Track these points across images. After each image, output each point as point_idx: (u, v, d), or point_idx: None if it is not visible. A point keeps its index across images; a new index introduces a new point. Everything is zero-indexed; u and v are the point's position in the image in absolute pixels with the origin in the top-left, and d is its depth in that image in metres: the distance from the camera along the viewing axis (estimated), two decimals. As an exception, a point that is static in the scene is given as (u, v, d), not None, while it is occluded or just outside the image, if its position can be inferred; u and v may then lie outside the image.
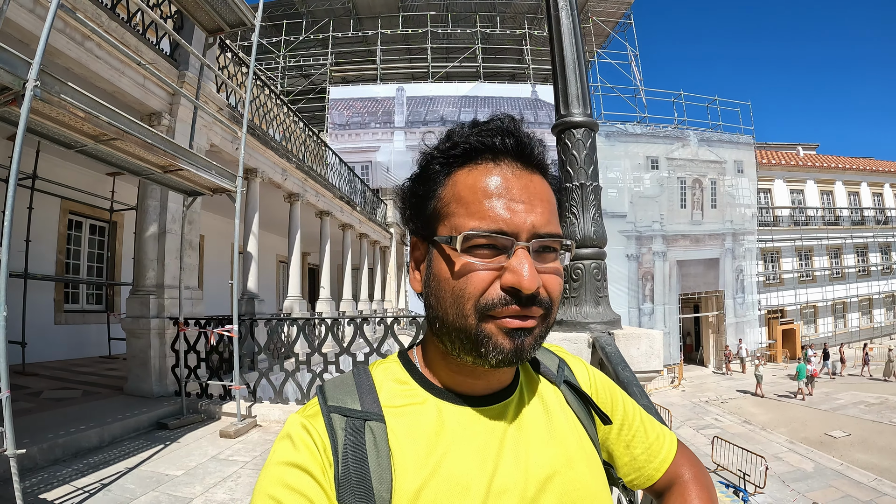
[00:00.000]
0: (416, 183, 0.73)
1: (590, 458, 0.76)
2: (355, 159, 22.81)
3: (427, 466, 0.64)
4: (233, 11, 6.78)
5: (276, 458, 0.64)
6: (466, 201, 0.66)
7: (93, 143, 4.21)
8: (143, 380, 6.96)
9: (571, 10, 3.05)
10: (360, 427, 0.65)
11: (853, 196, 32.52)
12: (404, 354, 0.78)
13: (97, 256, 11.08)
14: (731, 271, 27.37)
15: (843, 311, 31.45)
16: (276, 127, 11.36)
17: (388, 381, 0.72)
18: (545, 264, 0.66)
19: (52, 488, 4.10)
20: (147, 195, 7.26)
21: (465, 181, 0.67)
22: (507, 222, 0.63)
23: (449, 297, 0.65)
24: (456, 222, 0.66)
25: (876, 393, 19.41)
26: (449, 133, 0.72)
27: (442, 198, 0.69)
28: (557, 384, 0.83)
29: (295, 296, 11.72)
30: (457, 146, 0.69)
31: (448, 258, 0.65)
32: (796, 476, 11.35)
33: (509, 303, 0.63)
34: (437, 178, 0.70)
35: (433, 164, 0.71)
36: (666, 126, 27.43)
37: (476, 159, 0.68)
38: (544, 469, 0.69)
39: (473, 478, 0.65)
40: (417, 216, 0.73)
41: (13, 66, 3.12)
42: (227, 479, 4.50)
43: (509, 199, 0.65)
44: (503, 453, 0.68)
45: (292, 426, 0.66)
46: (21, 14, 4.74)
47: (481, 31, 27.62)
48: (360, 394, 0.69)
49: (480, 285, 0.63)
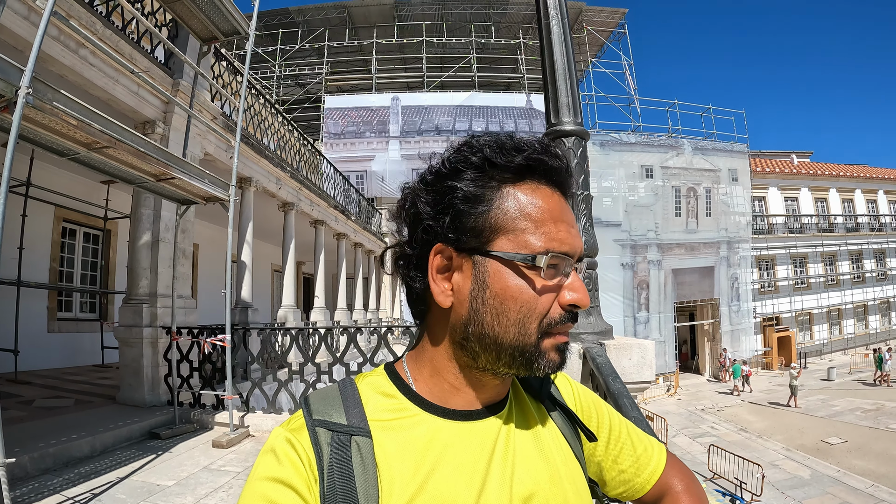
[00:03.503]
0: (463, 185, 0.67)
1: (574, 476, 0.75)
2: (350, 168, 22.79)
3: (415, 483, 0.63)
4: (227, 20, 6.80)
5: (260, 473, 0.62)
6: (536, 220, 0.66)
7: (85, 151, 4.20)
8: (135, 389, 6.92)
9: (562, 18, 3.07)
10: (347, 442, 0.64)
11: (847, 203, 32.62)
12: (391, 367, 0.77)
13: (91, 265, 11.03)
14: (727, 279, 27.32)
15: (839, 317, 31.51)
16: (271, 136, 11.36)
17: (375, 394, 0.71)
18: None
19: (42, 498, 4.07)
20: (141, 203, 7.25)
21: (529, 199, 0.67)
22: (571, 245, 0.66)
23: (515, 315, 0.65)
24: (527, 240, 0.65)
25: (872, 399, 19.43)
26: (500, 142, 0.68)
27: (502, 211, 0.66)
28: (542, 400, 0.82)
29: (289, 305, 11.69)
30: (514, 158, 0.66)
31: (521, 276, 0.65)
32: (793, 483, 11.34)
33: (567, 319, 0.67)
34: (487, 188, 0.67)
35: (476, 170, 0.67)
36: (660, 135, 27.44)
37: (525, 177, 0.68)
38: (528, 487, 0.69)
39: (461, 495, 0.64)
40: (460, 224, 0.67)
41: (6, 73, 3.11)
42: (219, 490, 4.47)
43: (569, 223, 0.68)
44: (491, 470, 0.67)
45: (276, 440, 0.65)
46: (16, 21, 4.74)
47: (476, 41, 27.69)
48: (346, 407, 0.68)
49: (548, 304, 0.66)
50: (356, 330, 7.19)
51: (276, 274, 18.91)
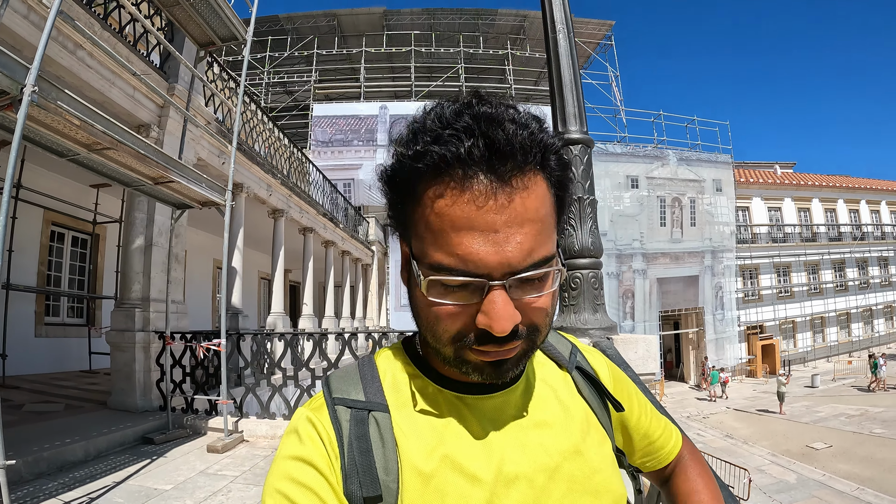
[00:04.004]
0: (389, 186, 0.64)
1: (600, 445, 0.75)
2: (338, 177, 22.70)
3: (434, 456, 0.63)
4: (225, 26, 6.79)
5: (283, 453, 0.63)
6: (433, 229, 0.57)
7: (86, 152, 4.19)
8: (127, 394, 6.86)
9: (568, 33, 3.15)
10: (365, 418, 0.64)
11: (830, 213, 33.23)
12: (409, 342, 0.76)
13: (79, 269, 10.92)
14: (711, 288, 27.59)
15: (822, 325, 31.96)
16: (262, 143, 11.35)
17: (393, 370, 0.71)
18: (528, 295, 0.58)
19: (39, 502, 4.03)
20: (134, 207, 7.21)
21: (433, 204, 0.56)
22: (476, 263, 0.55)
23: (424, 325, 0.63)
24: (423, 250, 0.59)
25: (856, 405, 19.67)
26: (415, 129, 0.60)
27: (411, 213, 0.61)
28: (569, 370, 0.81)
29: (278, 312, 11.66)
30: (420, 158, 0.56)
31: (419, 288, 0.60)
32: (779, 488, 11.42)
33: (484, 342, 0.58)
34: (408, 184, 0.60)
35: (401, 168, 0.60)
36: (646, 145, 27.72)
37: (444, 174, 0.55)
38: (552, 456, 0.68)
39: (481, 467, 0.64)
40: (395, 216, 0.66)
41: (12, 71, 3.11)
42: (218, 494, 4.43)
43: (481, 229, 0.54)
44: (510, 442, 0.67)
45: (298, 420, 0.66)
46: (15, 19, 4.72)
47: (464, 51, 27.85)
48: (364, 384, 0.68)
49: (454, 325, 0.59)
50: (351, 335, 7.18)
51: (263, 281, 18.83)
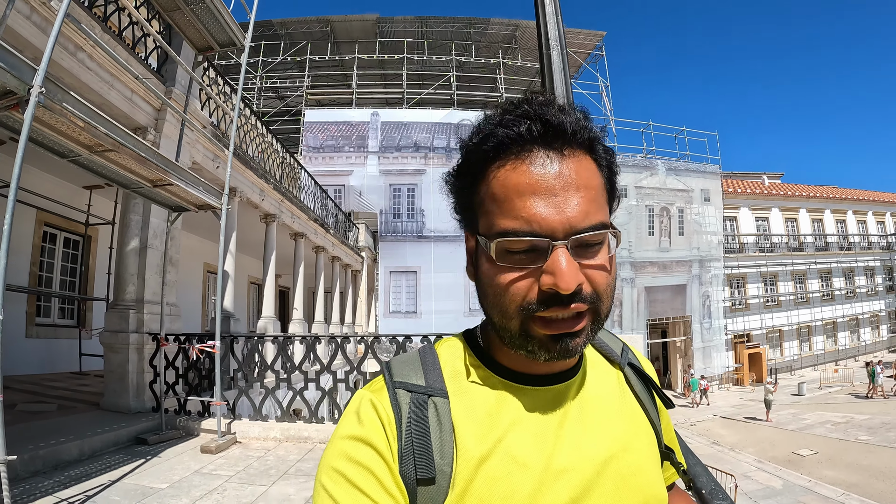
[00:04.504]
0: (457, 177, 0.72)
1: (649, 443, 0.76)
2: (328, 182, 22.60)
3: (487, 443, 0.64)
4: (224, 31, 6.87)
5: (342, 432, 0.65)
6: (499, 200, 0.63)
7: (87, 154, 4.24)
8: (120, 395, 6.87)
9: (562, 50, 3.27)
10: (424, 402, 0.66)
11: (817, 223, 33.75)
12: (469, 333, 0.78)
13: (70, 270, 10.90)
14: (698, 297, 27.84)
15: (808, 334, 32.34)
16: (255, 148, 11.40)
17: (453, 359, 0.73)
18: (589, 259, 0.62)
19: (35, 499, 4.06)
20: (129, 209, 7.24)
21: (497, 177, 0.63)
22: (540, 222, 0.60)
23: (492, 299, 0.65)
24: (491, 222, 0.64)
25: (842, 412, 19.88)
26: (479, 124, 0.69)
27: (479, 194, 0.66)
28: (622, 366, 0.82)
29: (269, 316, 11.68)
30: (486, 140, 0.65)
31: (488, 259, 0.64)
32: (765, 493, 11.51)
33: (551, 304, 0.61)
34: (474, 172, 0.67)
35: (469, 157, 0.68)
36: (635, 155, 27.90)
37: (506, 152, 0.63)
38: (602, 452, 0.68)
39: (532, 456, 0.65)
40: (463, 209, 0.71)
41: (20, 72, 3.17)
42: (213, 492, 4.48)
43: (542, 194, 0.60)
44: (562, 434, 0.68)
45: (359, 401, 0.67)
46: (18, 20, 4.76)
47: (456, 59, 28.01)
48: (425, 370, 0.70)
49: (520, 292, 0.62)
50: (343, 338, 7.24)
51: (253, 286, 18.81)
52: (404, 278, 24.48)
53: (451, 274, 22.42)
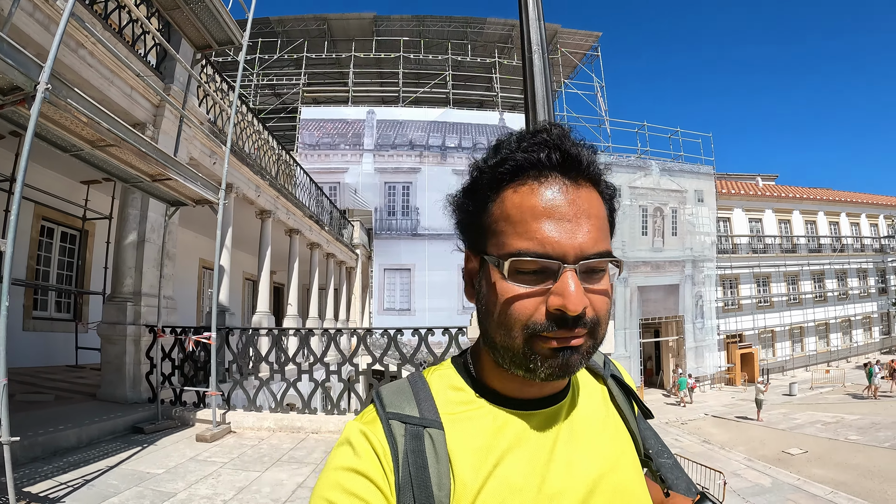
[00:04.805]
0: (466, 197, 0.73)
1: (634, 458, 0.77)
2: (324, 180, 22.59)
3: (483, 472, 0.65)
4: (223, 30, 6.99)
5: (336, 464, 0.65)
6: (514, 221, 0.65)
7: (89, 148, 4.36)
8: (116, 386, 6.99)
9: (543, 53, 3.44)
10: (420, 433, 0.66)
11: (810, 225, 33.97)
12: (458, 360, 0.79)
13: (67, 264, 10.99)
14: (691, 297, 27.97)
15: (801, 335, 32.54)
16: (251, 144, 11.52)
17: (445, 387, 0.73)
18: (593, 284, 0.65)
19: (35, 483, 4.17)
20: (127, 204, 7.36)
21: (513, 199, 0.66)
22: (553, 245, 0.62)
23: (497, 318, 0.65)
24: (504, 242, 0.65)
25: (832, 413, 20.09)
26: (497, 146, 0.71)
27: (491, 214, 0.68)
28: (605, 378, 0.84)
29: (264, 311, 11.81)
30: (504, 163, 0.67)
31: (497, 279, 0.65)
32: (754, 491, 11.64)
33: (556, 326, 0.62)
34: (487, 194, 0.69)
35: (482, 178, 0.70)
36: (629, 156, 28.03)
37: (523, 175, 0.66)
38: (593, 471, 0.70)
39: (527, 481, 0.65)
40: (469, 229, 0.73)
41: (27, 68, 3.29)
42: (208, 478, 4.61)
43: (556, 218, 0.63)
44: (554, 457, 0.69)
45: (351, 433, 0.67)
46: (21, 17, 4.87)
47: (452, 59, 28.13)
48: (418, 400, 0.70)
49: (526, 312, 0.63)
50: (336, 331, 7.37)
51: (248, 282, 18.89)
52: (398, 276, 24.61)
53: (445, 272, 22.57)
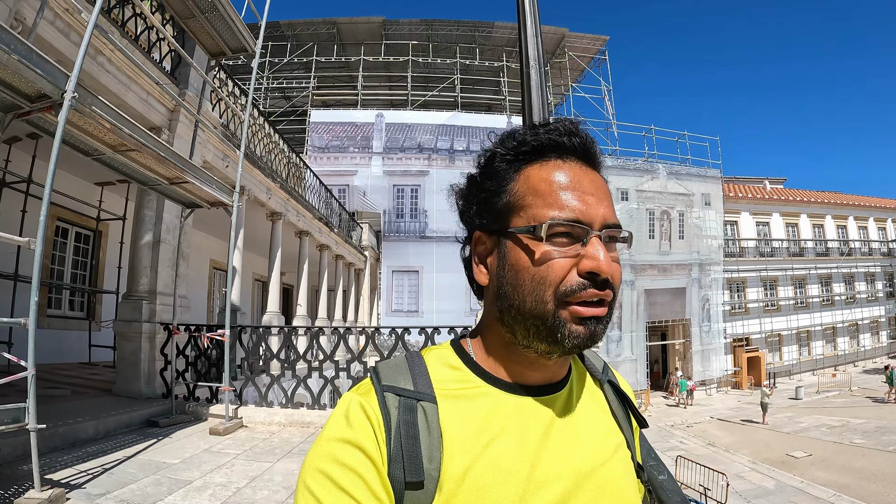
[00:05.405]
0: (484, 179, 0.76)
1: (625, 460, 0.78)
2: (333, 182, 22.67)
3: (474, 450, 0.65)
4: (236, 38, 7.20)
5: (329, 434, 0.65)
6: (543, 193, 0.69)
7: (111, 153, 4.58)
8: (131, 381, 7.21)
9: (540, 68, 3.64)
10: (413, 406, 0.66)
11: (818, 228, 33.90)
12: (457, 343, 0.80)
13: (80, 264, 11.22)
14: (698, 300, 27.93)
15: (808, 339, 32.49)
16: (262, 148, 11.73)
17: (441, 365, 0.74)
18: (611, 253, 0.69)
19: (57, 471, 4.38)
20: (143, 205, 7.57)
21: (539, 175, 0.71)
22: (583, 213, 0.67)
23: (528, 285, 0.67)
24: (534, 213, 0.68)
25: (838, 416, 20.03)
26: (511, 133, 0.76)
27: (515, 192, 0.72)
28: (602, 383, 0.85)
29: (274, 311, 12.02)
30: (526, 143, 0.72)
31: (527, 247, 0.68)
32: (758, 493, 11.66)
33: (587, 287, 0.66)
34: (507, 174, 0.73)
35: (499, 161, 0.74)
36: (636, 159, 28.07)
37: (544, 156, 0.72)
38: (585, 464, 0.70)
39: (516, 465, 0.66)
40: (486, 211, 0.75)
41: (55, 78, 3.49)
42: (223, 467, 4.81)
43: (582, 191, 0.69)
44: (547, 445, 0.69)
45: (347, 403, 0.68)
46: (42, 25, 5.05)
47: (461, 62, 28.36)
48: (413, 375, 0.70)
49: (560, 272, 0.66)
50: (346, 329, 7.56)
51: (258, 283, 19.10)
52: (406, 278, 24.81)
53: (452, 274, 22.58)
